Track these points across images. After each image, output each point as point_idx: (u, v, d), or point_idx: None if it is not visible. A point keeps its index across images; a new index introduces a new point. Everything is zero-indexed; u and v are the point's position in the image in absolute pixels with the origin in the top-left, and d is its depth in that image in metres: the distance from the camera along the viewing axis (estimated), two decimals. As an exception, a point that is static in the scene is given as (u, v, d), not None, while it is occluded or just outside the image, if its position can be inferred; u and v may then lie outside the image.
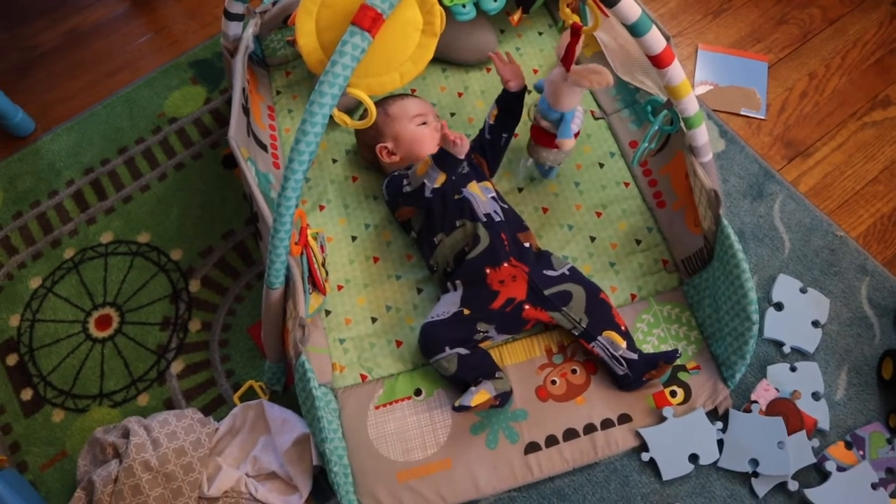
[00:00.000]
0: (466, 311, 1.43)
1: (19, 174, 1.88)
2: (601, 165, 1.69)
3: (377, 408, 1.46)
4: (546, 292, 1.44)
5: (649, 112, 1.42)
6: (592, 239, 1.61)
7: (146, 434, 1.44)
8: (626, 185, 1.67)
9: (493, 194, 1.54)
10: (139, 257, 1.73)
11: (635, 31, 1.20)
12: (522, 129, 1.69)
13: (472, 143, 1.61)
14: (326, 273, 1.49)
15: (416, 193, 1.49)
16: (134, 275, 1.71)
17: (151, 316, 1.66)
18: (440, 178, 1.45)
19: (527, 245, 1.49)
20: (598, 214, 1.63)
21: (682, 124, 1.36)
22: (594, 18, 1.28)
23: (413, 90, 1.83)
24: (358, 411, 1.46)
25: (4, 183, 1.87)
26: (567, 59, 1.39)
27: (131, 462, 1.40)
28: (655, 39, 1.21)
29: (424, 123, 1.62)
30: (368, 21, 1.11)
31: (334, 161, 1.75)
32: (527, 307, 1.44)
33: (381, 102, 1.65)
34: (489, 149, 1.61)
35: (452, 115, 1.79)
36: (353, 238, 1.65)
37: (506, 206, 1.54)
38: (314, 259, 1.41)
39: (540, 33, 1.88)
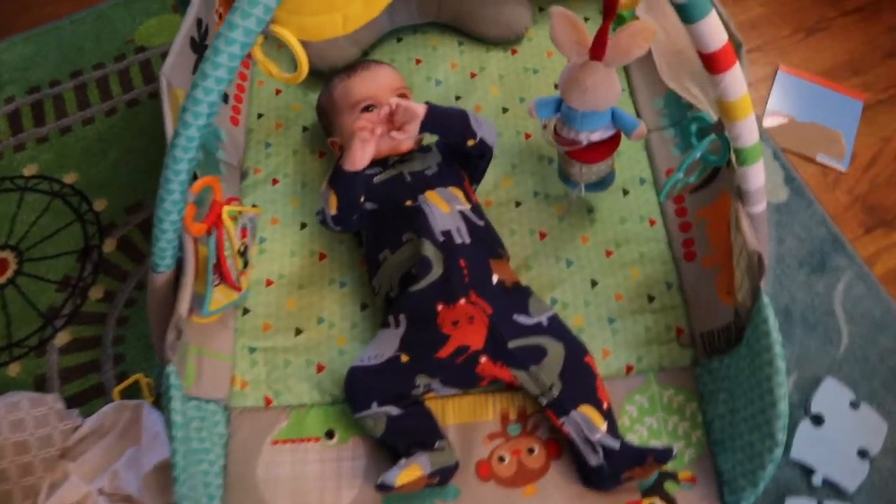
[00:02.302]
0: (405, 358, 1.10)
1: (-42, 81, 1.62)
2: (625, 192, 1.34)
3: (275, 443, 1.15)
4: (511, 344, 1.10)
5: (693, 133, 1.06)
6: (594, 283, 1.26)
7: (-12, 417, 1.15)
8: (652, 222, 1.31)
9: (463, 206, 1.20)
10: (58, 199, 1.46)
11: (685, 13, 0.85)
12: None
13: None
14: (245, 263, 1.18)
15: (325, 224, 1.21)
16: (47, 218, 1.44)
17: (52, 271, 1.38)
18: (332, 202, 1.17)
19: (496, 278, 1.15)
20: (608, 254, 1.28)
21: (732, 156, 1.01)
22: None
23: (419, 60, 1.50)
24: (250, 442, 1.15)
25: (-59, 87, 1.61)
26: (598, 45, 1.04)
27: (-43, 449, 1.12)
28: (712, 30, 0.86)
29: (368, 109, 1.28)
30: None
31: (304, 129, 1.44)
32: (483, 360, 1.10)
33: (338, 73, 1.34)
34: (460, 156, 1.28)
35: (458, 98, 1.45)
36: (303, 226, 1.34)
37: (481, 224, 1.20)
38: (225, 244, 1.10)
39: (586, 19, 1.53)
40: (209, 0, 1.29)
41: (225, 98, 1.40)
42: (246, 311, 1.26)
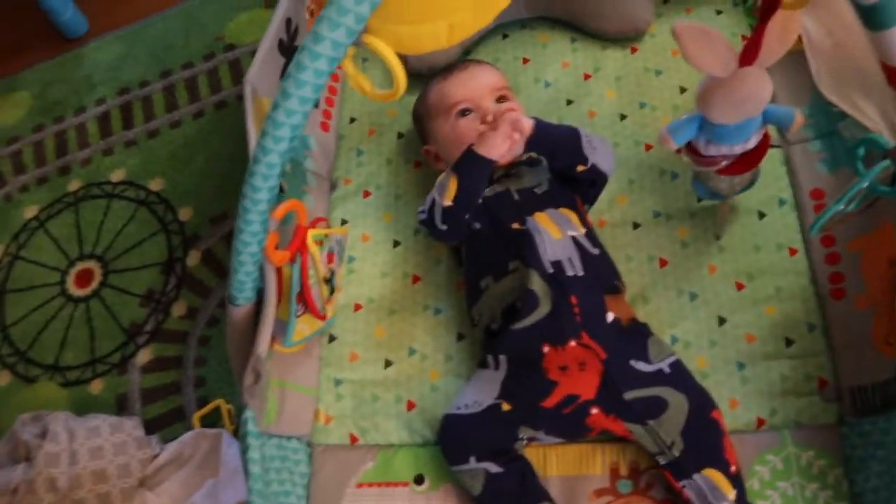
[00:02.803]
0: (506, 406, 0.98)
1: (53, 81, 1.60)
2: (761, 216, 1.16)
3: (360, 486, 1.06)
4: (628, 395, 0.96)
5: (859, 157, 0.89)
6: (721, 321, 1.10)
7: (67, 441, 1.11)
8: (792, 252, 1.13)
9: (577, 232, 1.06)
10: (144, 207, 1.40)
11: (872, 18, 0.68)
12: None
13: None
14: (331, 290, 1.08)
15: (431, 223, 1.07)
16: (133, 227, 1.39)
17: (136, 283, 1.33)
18: (450, 189, 1.03)
19: (611, 317, 1.01)
20: (740, 287, 1.12)
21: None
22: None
23: (526, 59, 1.36)
24: (333, 483, 1.06)
25: (37, 89, 1.60)
26: (752, 49, 0.87)
27: (36, 475, 1.07)
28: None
29: (464, 113, 1.14)
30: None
31: (400, 136, 1.33)
32: (594, 411, 0.97)
33: (431, 79, 1.21)
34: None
35: (569, 103, 1.30)
36: (396, 244, 1.23)
37: (595, 252, 1.06)
38: (310, 272, 1.00)
39: (719, 12, 1.34)
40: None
41: (315, 103, 1.30)
42: (332, 339, 1.16)
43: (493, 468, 0.96)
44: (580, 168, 1.07)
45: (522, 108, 1.04)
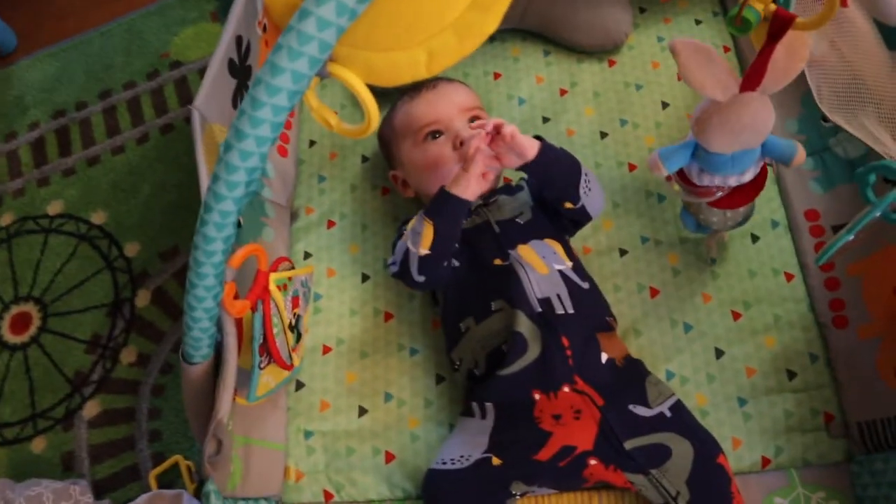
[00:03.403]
0: (496, 461, 0.89)
1: (-20, 103, 1.45)
2: (754, 239, 1.10)
3: (337, 548, 0.96)
4: (628, 445, 0.88)
5: (869, 185, 0.82)
6: (718, 353, 1.03)
7: (4, 514, 0.99)
8: (788, 277, 1.07)
9: (564, 265, 0.98)
10: (86, 243, 1.28)
11: None
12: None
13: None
14: (297, 338, 0.98)
15: (405, 275, 0.97)
16: (74, 266, 1.26)
17: (79, 328, 1.21)
18: (426, 238, 0.94)
19: (605, 357, 0.93)
20: (736, 316, 1.05)
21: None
22: (826, 5, 0.68)
23: (497, 73, 1.27)
24: (307, 549, 0.96)
25: (-38, 111, 1.45)
26: (756, 74, 0.80)
27: (-32, 558, 0.95)
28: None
29: (434, 136, 1.05)
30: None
31: (364, 160, 1.23)
32: (592, 462, 0.89)
33: (398, 100, 1.12)
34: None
35: (546, 120, 1.22)
36: (364, 278, 1.13)
37: (585, 287, 0.98)
38: (273, 320, 0.90)
39: (698, 21, 1.28)
40: (250, 11, 1.08)
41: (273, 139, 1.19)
42: (300, 386, 1.06)
43: None
44: (567, 205, 0.99)
45: (516, 127, 0.94)
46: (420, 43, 0.64)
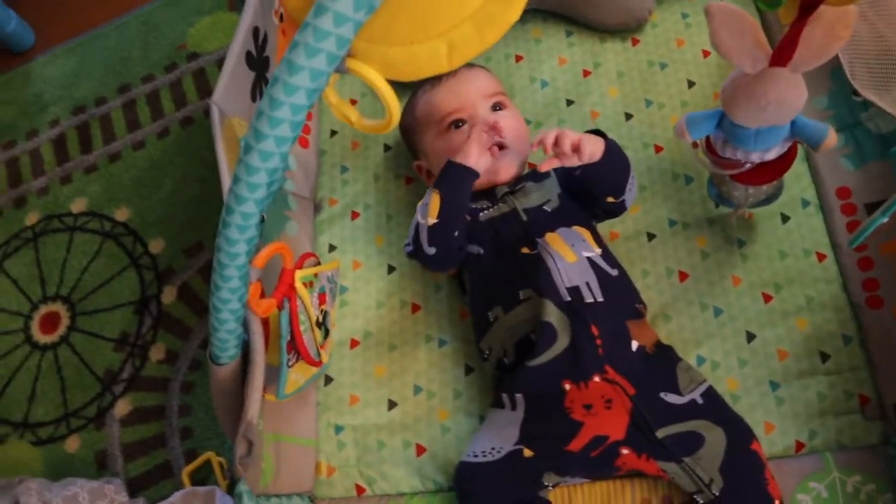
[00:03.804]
0: (528, 453, 0.89)
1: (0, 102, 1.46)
2: (784, 219, 1.07)
3: (370, 541, 0.97)
4: (660, 433, 0.88)
5: (903, 164, 0.80)
6: (750, 337, 1.01)
7: (42, 514, 1.00)
8: (821, 257, 1.05)
9: (593, 252, 0.96)
10: (111, 241, 1.28)
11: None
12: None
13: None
14: (326, 333, 0.98)
15: (419, 252, 0.98)
16: (100, 264, 1.27)
17: (108, 326, 1.22)
18: (433, 207, 0.94)
19: (636, 345, 0.92)
20: (767, 299, 1.03)
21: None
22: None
23: (519, 56, 1.25)
24: (341, 540, 0.97)
25: (-18, 111, 1.45)
26: (786, 50, 0.78)
27: (9, 557, 0.96)
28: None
29: (457, 125, 1.04)
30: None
31: (387, 148, 1.22)
32: (625, 452, 0.88)
33: (418, 88, 1.10)
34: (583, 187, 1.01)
35: (570, 103, 1.20)
36: (391, 270, 1.12)
37: (614, 274, 0.96)
38: (300, 317, 0.89)
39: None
40: (266, 0, 1.06)
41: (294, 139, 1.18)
42: (329, 381, 1.06)
43: None
44: (610, 199, 0.98)
45: (557, 129, 0.92)
46: (440, 35, 0.62)
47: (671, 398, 0.90)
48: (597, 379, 0.89)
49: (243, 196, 0.67)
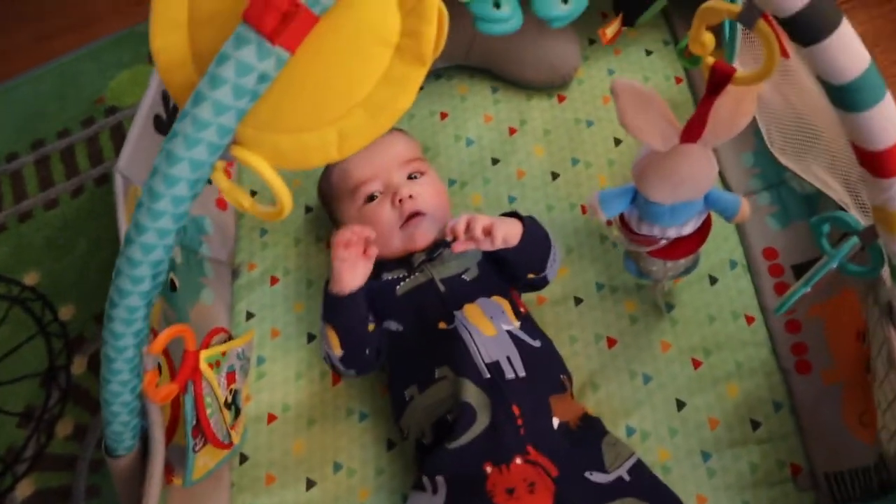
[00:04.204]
0: None
1: None
2: (712, 281, 1.06)
3: None
4: None
5: (824, 234, 0.78)
6: (681, 405, 0.99)
7: None
8: (750, 320, 1.03)
9: (512, 325, 0.93)
10: (18, 306, 1.21)
11: (847, 100, 0.58)
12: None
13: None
14: (236, 413, 0.93)
15: (338, 371, 0.96)
16: (5, 331, 1.19)
17: (12, 399, 1.14)
18: (332, 341, 0.93)
19: (557, 421, 0.89)
20: (696, 364, 1.01)
21: (885, 271, 0.74)
22: (766, 56, 0.64)
23: (444, 113, 1.22)
24: None
25: None
26: (696, 126, 0.76)
27: None
28: (884, 122, 0.58)
29: (372, 198, 1.01)
30: (274, 19, 0.53)
31: (308, 210, 1.18)
32: None
33: None
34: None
35: (495, 162, 1.18)
36: (310, 338, 1.08)
37: (536, 345, 0.93)
38: (206, 400, 0.84)
39: (648, 52, 1.24)
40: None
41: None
42: (244, 459, 1.00)
43: None
44: (531, 276, 0.96)
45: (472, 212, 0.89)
46: (330, 123, 0.59)
47: (597, 477, 0.86)
48: (518, 461, 0.85)
49: (126, 290, 0.62)
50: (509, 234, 0.89)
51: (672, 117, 0.76)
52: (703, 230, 0.87)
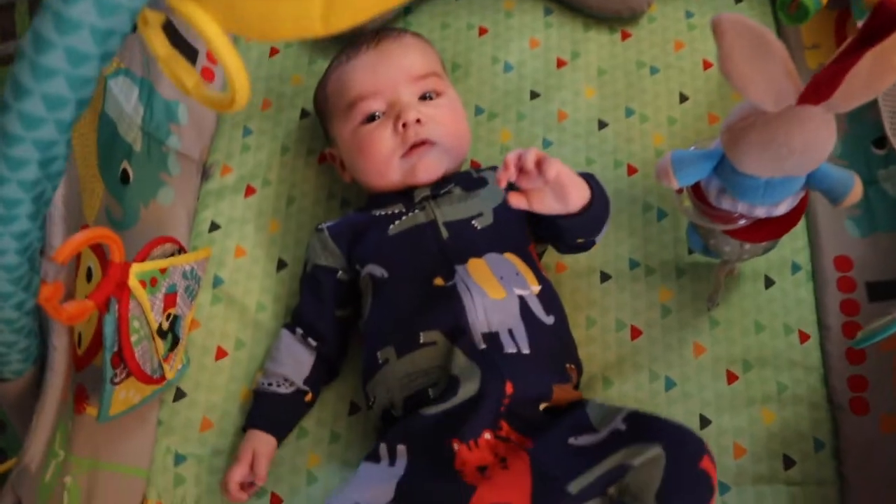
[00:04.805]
0: None
1: None
2: (767, 283, 0.88)
3: None
4: (573, 487, 0.67)
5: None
6: (705, 422, 0.83)
7: None
8: (804, 337, 0.86)
9: (527, 290, 0.76)
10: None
11: None
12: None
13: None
14: (173, 341, 0.76)
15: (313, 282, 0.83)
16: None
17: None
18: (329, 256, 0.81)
19: (544, 405, 0.73)
20: (732, 378, 0.84)
21: None
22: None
23: (484, 29, 1.03)
24: None
25: None
26: (828, 84, 0.58)
27: None
28: None
29: (372, 118, 0.83)
30: None
31: (304, 115, 0.99)
32: None
33: (344, 48, 0.89)
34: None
35: (534, 96, 0.99)
36: (281, 265, 0.91)
37: (549, 322, 0.76)
38: (134, 325, 0.68)
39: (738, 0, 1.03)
40: None
41: (192, 54, 0.95)
42: (180, 396, 0.84)
43: None
44: (580, 241, 0.79)
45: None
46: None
47: (583, 440, 0.70)
48: (487, 436, 0.70)
49: (2, 175, 0.44)
50: (574, 193, 0.71)
51: (792, 69, 0.59)
52: (797, 212, 0.72)
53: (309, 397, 0.81)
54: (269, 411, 0.81)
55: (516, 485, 0.68)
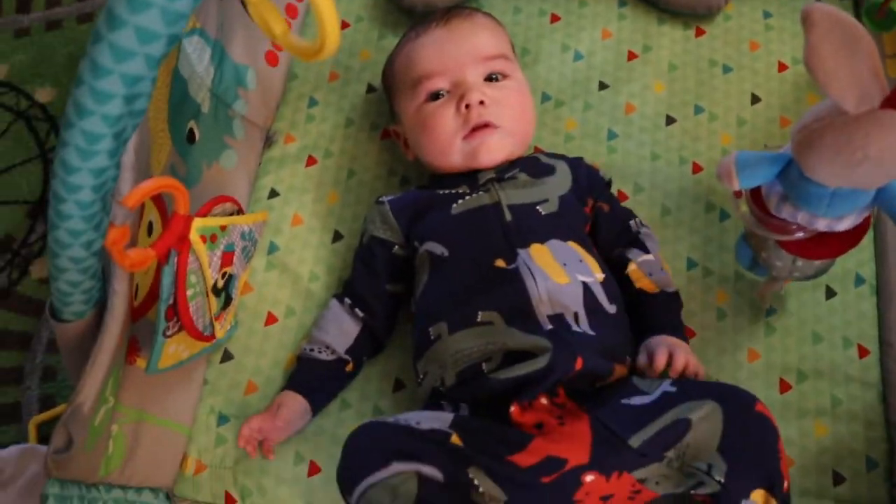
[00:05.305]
0: (455, 439, 0.65)
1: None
2: (829, 293, 0.86)
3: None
4: (634, 440, 0.66)
5: None
6: (753, 430, 0.80)
7: None
8: (863, 352, 0.83)
9: (591, 278, 0.75)
10: (22, 122, 1.08)
11: None
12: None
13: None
14: (226, 301, 0.77)
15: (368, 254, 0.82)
16: (1, 146, 1.05)
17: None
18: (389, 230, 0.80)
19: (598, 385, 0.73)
20: (785, 388, 0.82)
21: None
22: None
23: (556, 16, 1.01)
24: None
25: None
26: None
27: None
28: None
29: (436, 96, 0.82)
30: None
31: (370, 89, 1.00)
32: (588, 479, 0.66)
33: (415, 25, 0.89)
34: None
35: (603, 87, 0.97)
36: (337, 237, 0.91)
37: (611, 311, 0.75)
38: (190, 279, 0.68)
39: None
40: None
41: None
42: (227, 358, 0.85)
43: (430, 471, 0.62)
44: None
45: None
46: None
47: (636, 400, 0.69)
48: (544, 401, 0.70)
49: (87, 108, 0.45)
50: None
51: (880, 70, 0.56)
52: (858, 232, 0.68)
53: (350, 367, 0.81)
54: (306, 376, 0.80)
55: (575, 438, 0.67)
